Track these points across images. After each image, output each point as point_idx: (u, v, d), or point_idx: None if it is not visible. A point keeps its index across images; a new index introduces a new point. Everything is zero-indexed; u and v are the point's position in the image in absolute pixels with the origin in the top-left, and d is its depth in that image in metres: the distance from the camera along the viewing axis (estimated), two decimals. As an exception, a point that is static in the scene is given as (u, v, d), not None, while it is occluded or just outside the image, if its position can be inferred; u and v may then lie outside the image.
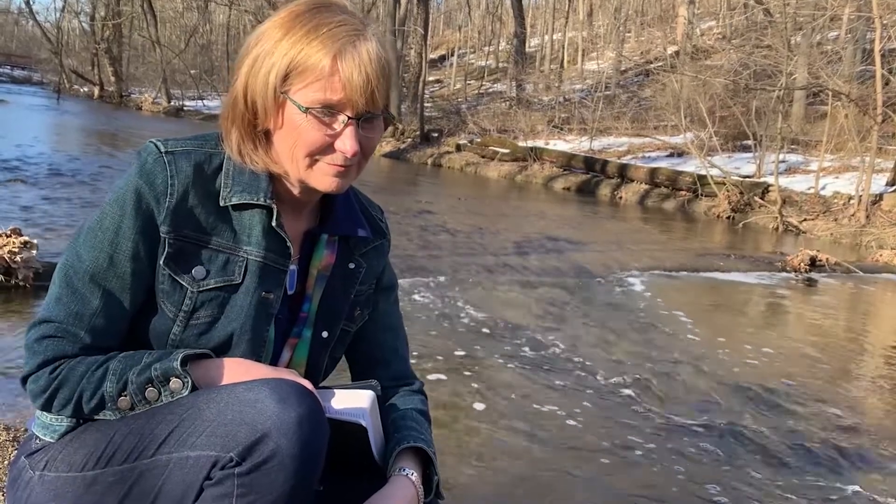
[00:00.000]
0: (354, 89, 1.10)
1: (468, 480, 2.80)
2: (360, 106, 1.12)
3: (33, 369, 1.12)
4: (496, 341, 4.58)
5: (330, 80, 1.10)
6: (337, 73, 1.10)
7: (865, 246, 11.18)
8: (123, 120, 23.68)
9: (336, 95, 1.10)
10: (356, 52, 1.10)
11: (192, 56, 36.43)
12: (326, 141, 1.13)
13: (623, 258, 8.00)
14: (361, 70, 1.10)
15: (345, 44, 1.11)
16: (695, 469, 3.06)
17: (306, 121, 1.12)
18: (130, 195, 1.13)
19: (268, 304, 1.19)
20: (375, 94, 1.12)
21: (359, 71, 1.10)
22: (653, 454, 3.17)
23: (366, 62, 1.10)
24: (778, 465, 3.19)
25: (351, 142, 1.12)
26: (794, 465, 3.20)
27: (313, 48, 1.10)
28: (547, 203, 13.90)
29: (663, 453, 3.18)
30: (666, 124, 18.40)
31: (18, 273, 4.30)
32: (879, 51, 12.22)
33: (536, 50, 33.52)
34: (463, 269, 6.49)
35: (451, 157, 20.14)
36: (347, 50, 1.10)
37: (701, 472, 3.04)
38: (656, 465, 3.07)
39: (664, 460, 3.12)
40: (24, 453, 1.19)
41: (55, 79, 34.77)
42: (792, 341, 5.43)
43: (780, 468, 3.15)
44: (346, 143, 1.13)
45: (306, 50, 1.10)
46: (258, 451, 0.98)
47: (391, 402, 1.34)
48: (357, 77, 1.10)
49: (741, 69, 16.95)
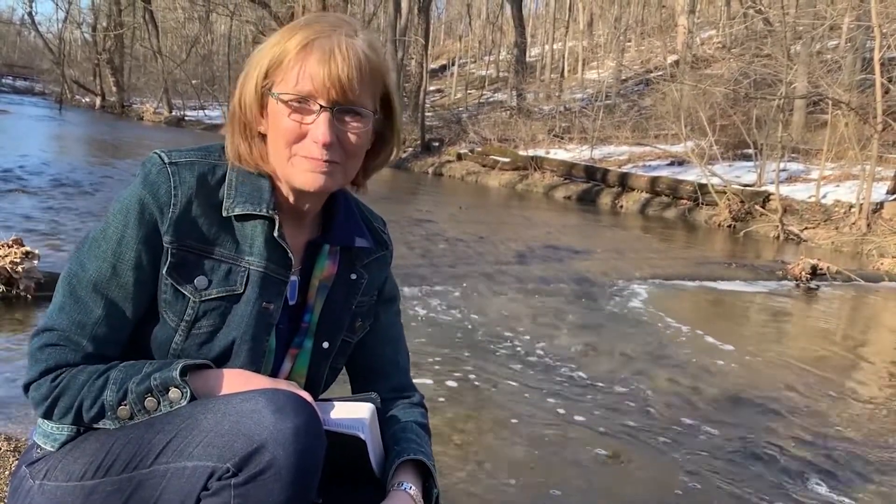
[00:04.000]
0: (320, 77, 1.12)
1: (467, 489, 2.79)
2: (331, 96, 1.13)
3: (35, 377, 1.13)
4: (497, 349, 4.57)
5: (299, 70, 1.13)
6: (305, 62, 1.12)
7: (866, 254, 11.17)
8: (125, 130, 23.74)
9: (306, 85, 1.13)
10: (327, 42, 1.13)
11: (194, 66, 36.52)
12: (301, 130, 1.14)
13: (624, 267, 7.99)
14: (328, 60, 1.12)
15: (317, 36, 1.13)
16: (693, 477, 3.05)
17: (282, 110, 1.14)
18: (134, 205, 1.14)
19: (268, 314, 1.20)
20: (346, 85, 1.13)
21: (325, 60, 1.12)
22: (652, 461, 3.16)
23: (335, 52, 1.12)
24: (776, 473, 3.18)
25: (323, 129, 1.13)
26: (793, 472, 3.20)
27: (290, 43, 1.14)
28: (548, 212, 13.90)
29: (662, 461, 3.18)
30: (666, 133, 18.42)
31: (20, 283, 4.30)
32: (879, 59, 12.23)
33: (537, 59, 33.61)
34: (464, 278, 6.49)
35: (451, 166, 20.18)
36: (318, 41, 1.13)
37: (699, 479, 3.03)
38: (655, 473, 3.06)
39: (663, 468, 3.11)
40: (24, 462, 1.20)
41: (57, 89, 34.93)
42: (792, 350, 5.42)
43: (778, 476, 3.14)
44: (318, 130, 1.13)
45: (284, 46, 1.14)
46: (254, 462, 0.98)
47: (391, 415, 1.34)
48: (322, 66, 1.12)
49: (741, 78, 16.96)
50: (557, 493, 2.84)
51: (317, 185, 1.16)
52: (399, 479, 1.21)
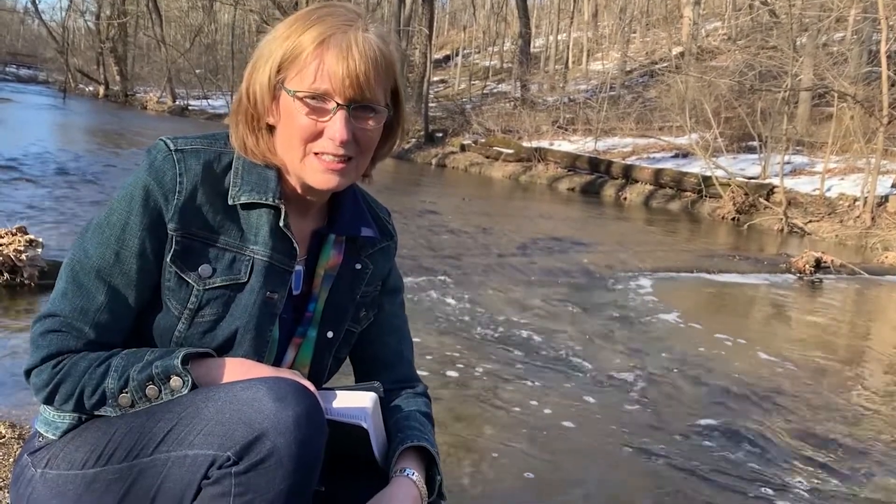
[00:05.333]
0: (338, 76, 1.11)
1: (470, 481, 2.79)
2: (348, 94, 1.12)
3: (37, 363, 1.13)
4: (499, 341, 4.57)
5: (316, 66, 1.11)
6: (322, 60, 1.11)
7: (871, 248, 11.14)
8: (128, 119, 23.73)
9: (323, 82, 1.11)
10: (344, 39, 1.11)
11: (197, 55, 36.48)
12: (317, 128, 1.13)
13: (627, 259, 7.98)
14: (346, 56, 1.11)
15: (333, 32, 1.12)
16: (697, 470, 3.05)
17: (298, 108, 1.13)
18: (139, 192, 1.14)
19: (272, 304, 1.19)
20: (363, 83, 1.12)
21: (343, 57, 1.11)
22: (655, 455, 3.16)
23: (352, 49, 1.11)
24: (779, 467, 3.18)
25: (340, 127, 1.12)
26: (796, 466, 3.19)
27: (304, 38, 1.12)
28: (551, 204, 13.88)
29: (665, 454, 3.17)
30: (671, 125, 18.37)
31: (24, 271, 4.30)
32: (885, 52, 12.17)
33: (541, 50, 33.49)
34: (467, 269, 6.49)
35: (455, 157, 20.14)
36: (335, 37, 1.11)
37: (702, 473, 3.03)
38: (658, 466, 3.06)
39: (666, 461, 3.11)
40: (27, 451, 1.20)
41: (60, 78, 34.90)
42: (796, 343, 5.41)
43: (781, 470, 3.14)
44: (336, 128, 1.12)
45: (298, 40, 1.12)
46: (255, 451, 0.98)
47: (394, 404, 1.34)
48: (340, 63, 1.10)
49: (746, 70, 16.87)
50: (558, 483, 2.84)
51: (331, 184, 1.16)
52: (402, 465, 1.21)
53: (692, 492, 2.88)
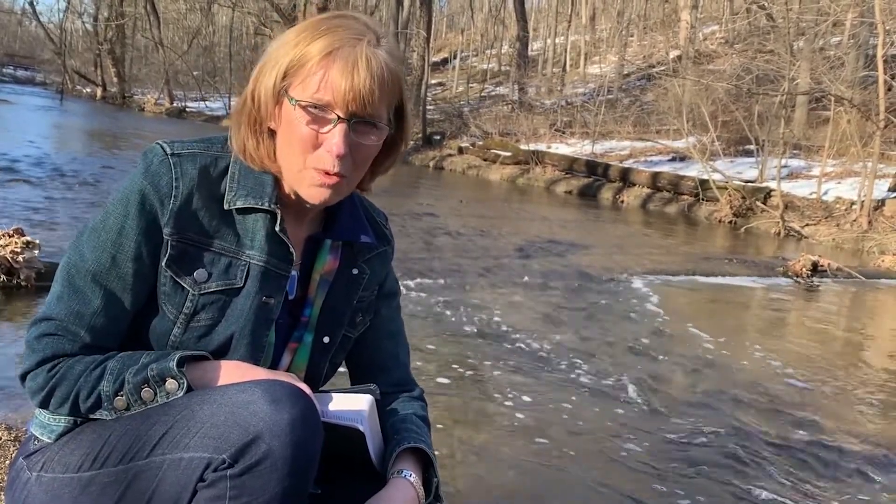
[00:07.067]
0: (341, 89, 1.10)
1: (467, 483, 2.79)
2: (350, 108, 1.11)
3: (32, 366, 1.13)
4: (496, 344, 4.57)
5: (321, 77, 1.11)
6: (326, 71, 1.10)
7: (867, 251, 11.17)
8: (126, 121, 23.71)
9: (326, 94, 1.11)
10: (351, 53, 1.11)
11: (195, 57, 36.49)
12: (318, 138, 1.13)
13: (625, 262, 7.99)
14: (351, 71, 1.10)
15: (342, 45, 1.11)
16: (695, 472, 3.06)
17: (299, 116, 1.12)
18: (135, 196, 1.13)
19: (268, 309, 1.19)
20: (366, 98, 1.11)
21: (348, 71, 1.10)
22: (653, 457, 3.16)
23: (358, 64, 1.10)
24: (776, 469, 3.18)
25: (339, 141, 1.11)
26: (793, 469, 3.20)
27: (312, 48, 1.11)
28: (549, 206, 13.89)
29: (664, 456, 3.18)
30: (668, 128, 18.39)
31: (20, 273, 4.30)
32: (882, 56, 12.19)
33: (539, 53, 33.53)
34: (464, 272, 6.49)
35: (452, 160, 20.14)
36: (342, 50, 1.11)
37: (701, 475, 3.04)
38: (656, 469, 3.06)
39: (664, 463, 3.11)
40: (22, 454, 1.19)
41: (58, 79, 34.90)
42: (793, 346, 5.42)
43: (778, 473, 3.15)
44: (334, 141, 1.12)
45: (306, 49, 1.12)
46: (250, 453, 0.98)
47: (391, 408, 1.34)
48: (344, 77, 1.10)
49: (744, 74, 16.89)
50: (556, 485, 2.84)
51: (321, 199, 1.16)
52: (399, 466, 1.21)
53: (690, 494, 2.88)
